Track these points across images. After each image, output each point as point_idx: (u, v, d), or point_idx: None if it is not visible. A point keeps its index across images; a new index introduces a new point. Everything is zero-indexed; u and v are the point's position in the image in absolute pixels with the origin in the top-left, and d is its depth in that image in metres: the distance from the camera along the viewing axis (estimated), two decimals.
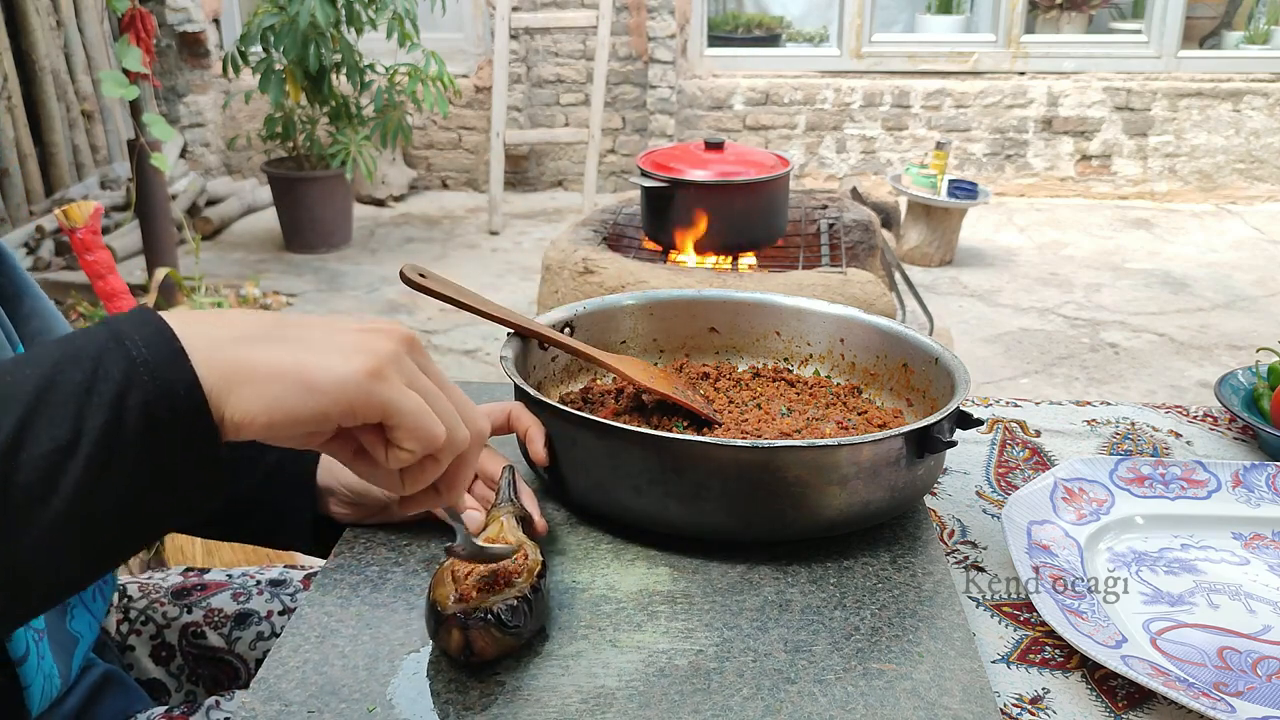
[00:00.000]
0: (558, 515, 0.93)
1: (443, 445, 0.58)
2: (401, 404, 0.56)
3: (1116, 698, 0.75)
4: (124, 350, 0.51)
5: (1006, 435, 1.15)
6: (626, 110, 5.66)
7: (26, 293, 0.86)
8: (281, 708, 0.69)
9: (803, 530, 0.87)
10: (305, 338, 0.56)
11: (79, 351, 0.51)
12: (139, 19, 3.22)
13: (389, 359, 0.56)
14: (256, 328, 0.55)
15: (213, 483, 0.55)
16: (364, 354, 0.55)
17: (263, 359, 0.54)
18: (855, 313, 1.11)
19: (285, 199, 4.75)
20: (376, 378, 0.55)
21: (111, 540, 0.53)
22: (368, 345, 0.56)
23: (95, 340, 0.52)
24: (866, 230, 2.93)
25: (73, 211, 2.54)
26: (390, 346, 0.57)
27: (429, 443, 0.57)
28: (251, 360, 0.53)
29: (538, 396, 0.89)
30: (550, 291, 2.69)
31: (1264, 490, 0.98)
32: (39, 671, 0.78)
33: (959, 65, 5.57)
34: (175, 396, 0.51)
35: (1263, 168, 5.57)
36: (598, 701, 0.70)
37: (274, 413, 0.53)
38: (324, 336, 0.56)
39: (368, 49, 4.58)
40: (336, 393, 0.54)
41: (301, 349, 0.55)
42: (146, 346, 0.51)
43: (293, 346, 0.55)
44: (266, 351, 0.54)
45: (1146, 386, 3.46)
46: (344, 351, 0.55)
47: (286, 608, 1.05)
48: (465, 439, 0.60)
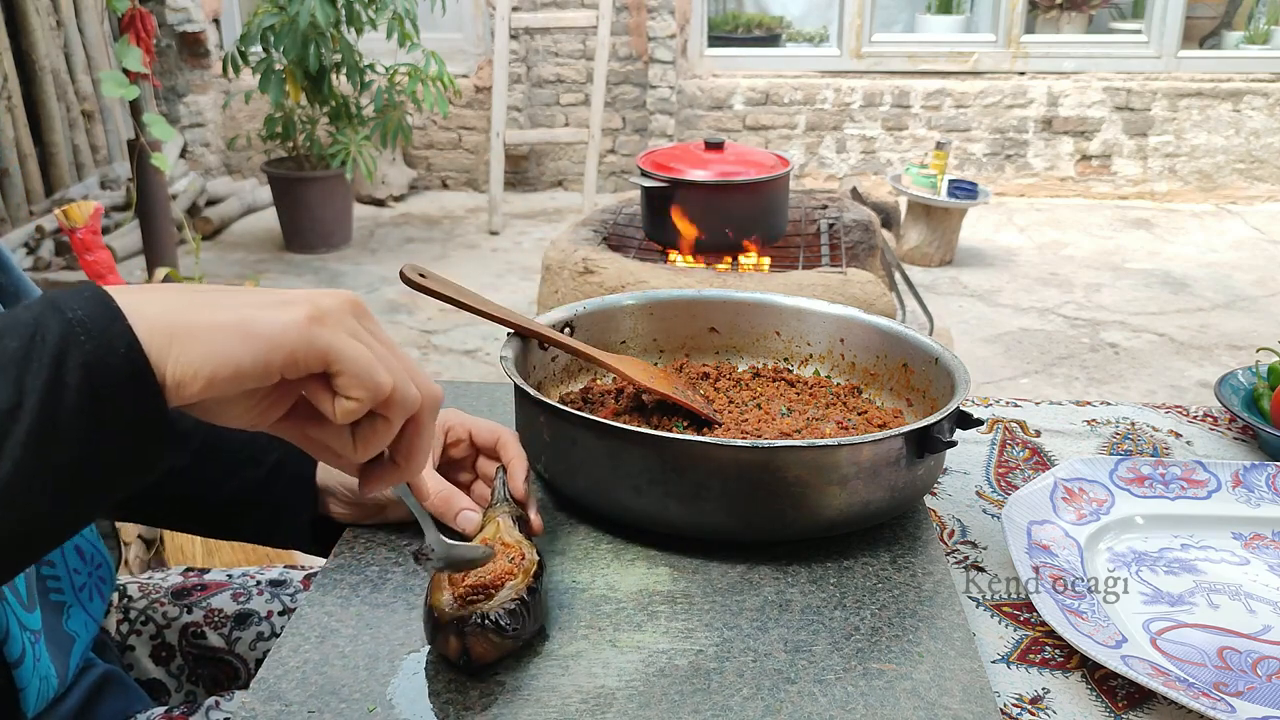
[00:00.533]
0: (558, 515, 0.93)
1: (392, 399, 0.57)
2: (344, 348, 0.55)
3: (1116, 698, 0.75)
4: (61, 315, 0.51)
5: (1006, 435, 1.15)
6: (626, 110, 5.66)
7: (26, 293, 0.86)
8: (281, 708, 0.69)
9: (803, 530, 0.87)
10: (247, 299, 0.55)
11: (16, 321, 0.51)
12: (139, 19, 3.22)
13: (331, 310, 0.56)
14: (200, 294, 0.55)
15: (158, 442, 0.54)
16: (305, 304, 0.55)
17: (204, 316, 0.53)
18: (855, 313, 1.11)
19: (285, 199, 4.75)
20: (317, 323, 0.55)
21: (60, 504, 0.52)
22: (309, 298, 0.56)
23: (32, 309, 0.52)
24: (866, 230, 2.93)
25: (73, 211, 2.54)
26: (333, 302, 0.57)
27: (375, 390, 0.56)
28: (192, 318, 0.53)
29: (538, 396, 0.89)
30: (550, 291, 2.69)
31: (1264, 490, 0.98)
32: (35, 673, 0.78)
33: (959, 65, 5.57)
34: (114, 355, 0.51)
35: (1263, 168, 5.57)
36: (598, 701, 0.70)
37: (216, 365, 0.53)
38: (266, 296, 0.56)
39: (368, 49, 4.58)
40: (278, 338, 0.54)
41: (243, 306, 0.55)
42: (83, 310, 0.51)
43: (234, 305, 0.55)
44: (209, 311, 0.54)
45: (1146, 386, 3.46)
46: (285, 303, 0.55)
47: (286, 608, 1.05)
48: (415, 398, 0.58)
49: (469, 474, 0.94)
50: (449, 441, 0.92)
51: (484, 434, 0.92)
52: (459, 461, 0.94)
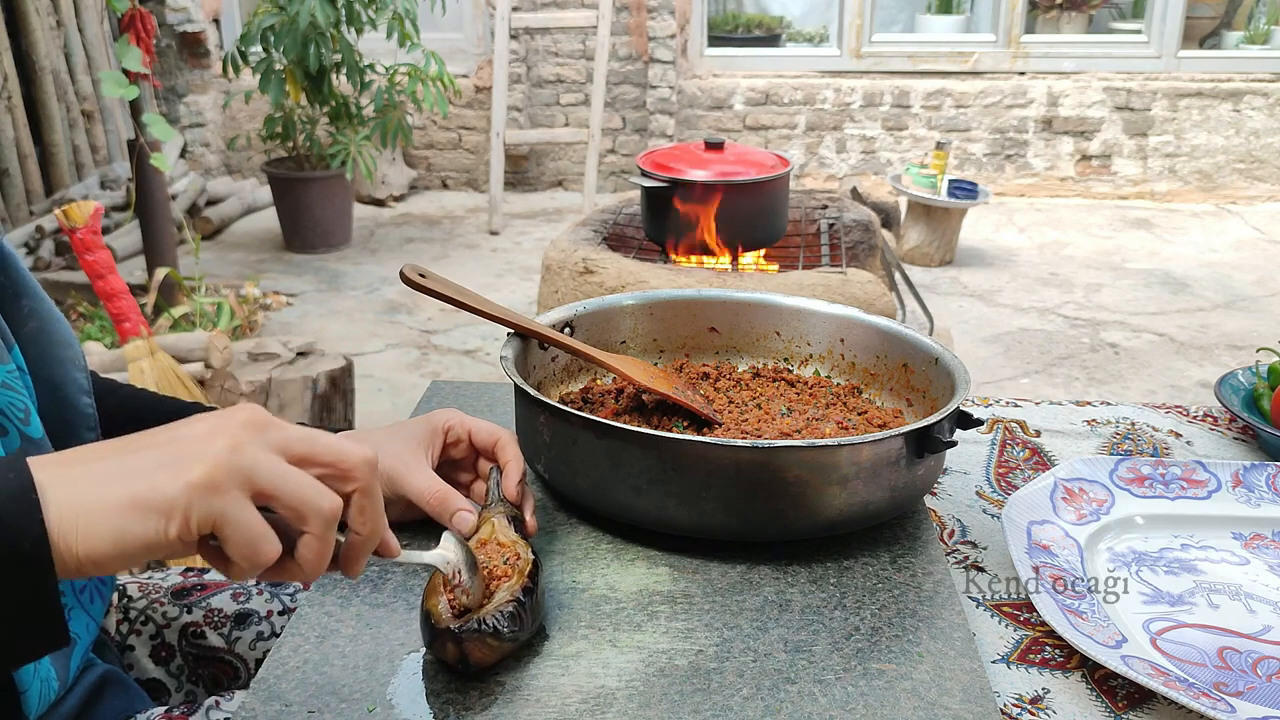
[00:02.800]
0: (558, 515, 0.93)
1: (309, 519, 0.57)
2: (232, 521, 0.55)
3: (1116, 698, 0.75)
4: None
5: (1006, 435, 1.15)
6: (626, 110, 5.66)
7: (26, 293, 0.86)
8: (281, 708, 0.69)
9: (803, 530, 0.87)
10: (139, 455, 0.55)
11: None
12: (139, 19, 3.22)
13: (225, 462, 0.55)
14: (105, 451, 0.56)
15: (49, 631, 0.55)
16: (198, 461, 0.54)
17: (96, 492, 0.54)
18: (855, 313, 1.11)
19: (285, 199, 4.75)
20: (210, 490, 0.54)
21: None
22: (201, 448, 0.55)
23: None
24: (866, 230, 2.93)
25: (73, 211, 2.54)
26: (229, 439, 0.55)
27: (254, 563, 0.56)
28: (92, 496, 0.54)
29: (538, 396, 0.89)
30: (550, 291, 2.69)
31: (1264, 490, 0.98)
32: (36, 675, 0.78)
33: (959, 65, 5.57)
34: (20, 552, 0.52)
35: (1263, 168, 5.57)
36: (598, 701, 0.70)
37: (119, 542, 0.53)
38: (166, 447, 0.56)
39: (368, 49, 4.58)
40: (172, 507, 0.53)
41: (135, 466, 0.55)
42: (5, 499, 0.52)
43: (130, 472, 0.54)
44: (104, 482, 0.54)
45: (1146, 386, 3.46)
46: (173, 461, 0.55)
47: (286, 608, 1.05)
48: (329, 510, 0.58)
49: (469, 474, 0.94)
50: (448, 441, 0.92)
51: (483, 435, 0.92)
52: (458, 462, 0.94)
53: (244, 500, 0.55)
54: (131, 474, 0.54)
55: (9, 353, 0.81)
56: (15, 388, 0.80)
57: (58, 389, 0.87)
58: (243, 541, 0.55)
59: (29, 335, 0.85)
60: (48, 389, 0.86)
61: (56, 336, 0.88)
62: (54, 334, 0.88)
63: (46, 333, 0.87)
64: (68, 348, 0.89)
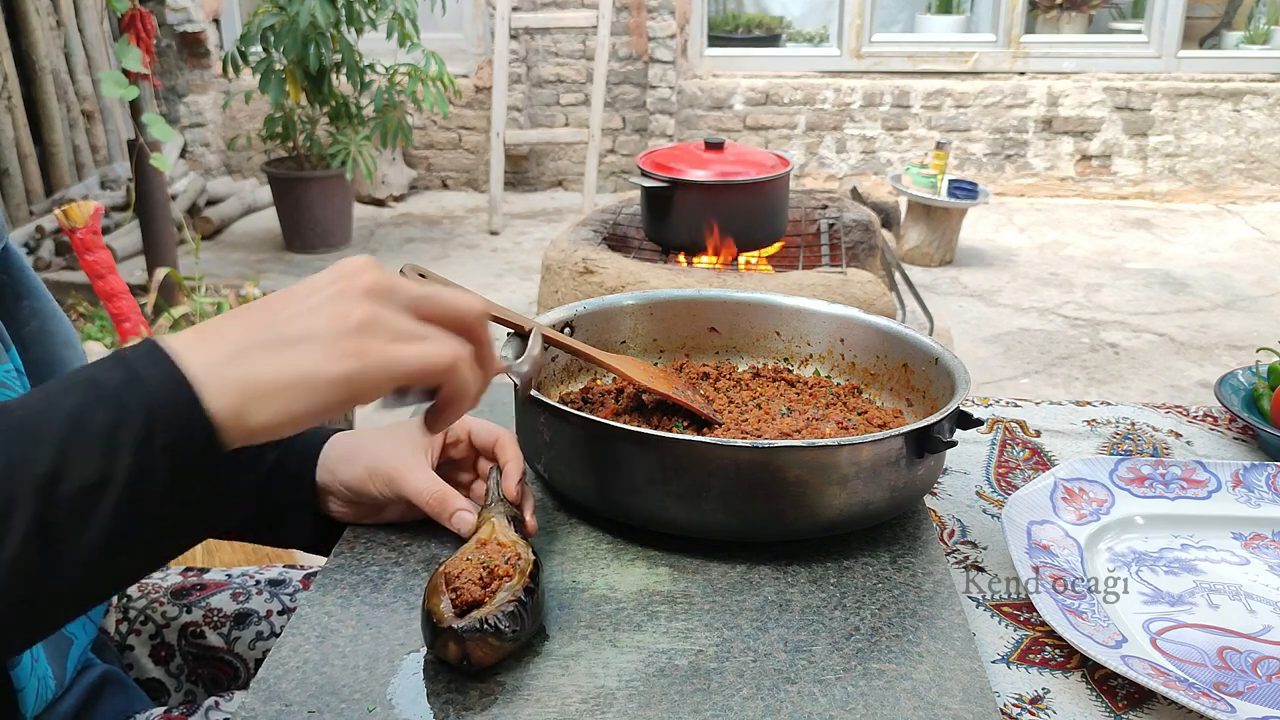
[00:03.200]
0: (558, 515, 0.93)
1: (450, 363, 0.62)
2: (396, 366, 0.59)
3: (1116, 698, 0.75)
4: (142, 392, 0.54)
5: (1006, 435, 1.15)
6: (626, 110, 5.66)
7: (29, 294, 0.86)
8: (281, 708, 0.69)
9: (803, 530, 0.86)
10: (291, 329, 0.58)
11: (101, 392, 0.54)
12: (139, 19, 3.22)
13: (363, 330, 0.58)
14: (245, 333, 0.58)
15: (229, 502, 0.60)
16: (341, 337, 0.58)
17: (263, 372, 0.57)
18: (855, 313, 1.11)
19: (285, 199, 4.75)
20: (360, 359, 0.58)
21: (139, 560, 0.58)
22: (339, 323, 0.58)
23: (114, 380, 0.55)
24: (866, 230, 2.93)
25: (73, 211, 2.54)
26: (360, 311, 0.59)
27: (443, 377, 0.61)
28: (254, 376, 0.57)
29: (538, 396, 0.89)
30: (550, 291, 2.69)
31: (1264, 490, 0.98)
32: (33, 674, 0.78)
33: (959, 65, 5.57)
34: (193, 436, 0.55)
35: (1263, 168, 5.57)
36: (598, 701, 0.70)
37: (292, 418, 0.57)
38: (299, 321, 0.58)
39: (368, 49, 4.58)
40: (336, 390, 0.58)
41: (287, 349, 0.58)
42: (162, 387, 0.55)
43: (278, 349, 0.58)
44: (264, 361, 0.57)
45: (1146, 386, 3.46)
46: (322, 341, 0.58)
47: (286, 608, 1.05)
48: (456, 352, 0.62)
49: (468, 474, 0.94)
50: (448, 441, 0.92)
51: (482, 434, 0.92)
52: (458, 462, 0.94)
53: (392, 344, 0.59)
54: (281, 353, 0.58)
55: (7, 353, 0.81)
56: (13, 388, 0.80)
57: None
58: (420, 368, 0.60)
59: (31, 335, 0.85)
60: None
61: (60, 337, 0.88)
62: (57, 334, 0.88)
63: (49, 333, 0.87)
64: (70, 348, 0.89)
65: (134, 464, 0.53)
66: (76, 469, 0.52)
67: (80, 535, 0.53)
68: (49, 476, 0.52)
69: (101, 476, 0.52)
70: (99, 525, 0.53)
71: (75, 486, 0.52)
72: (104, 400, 0.54)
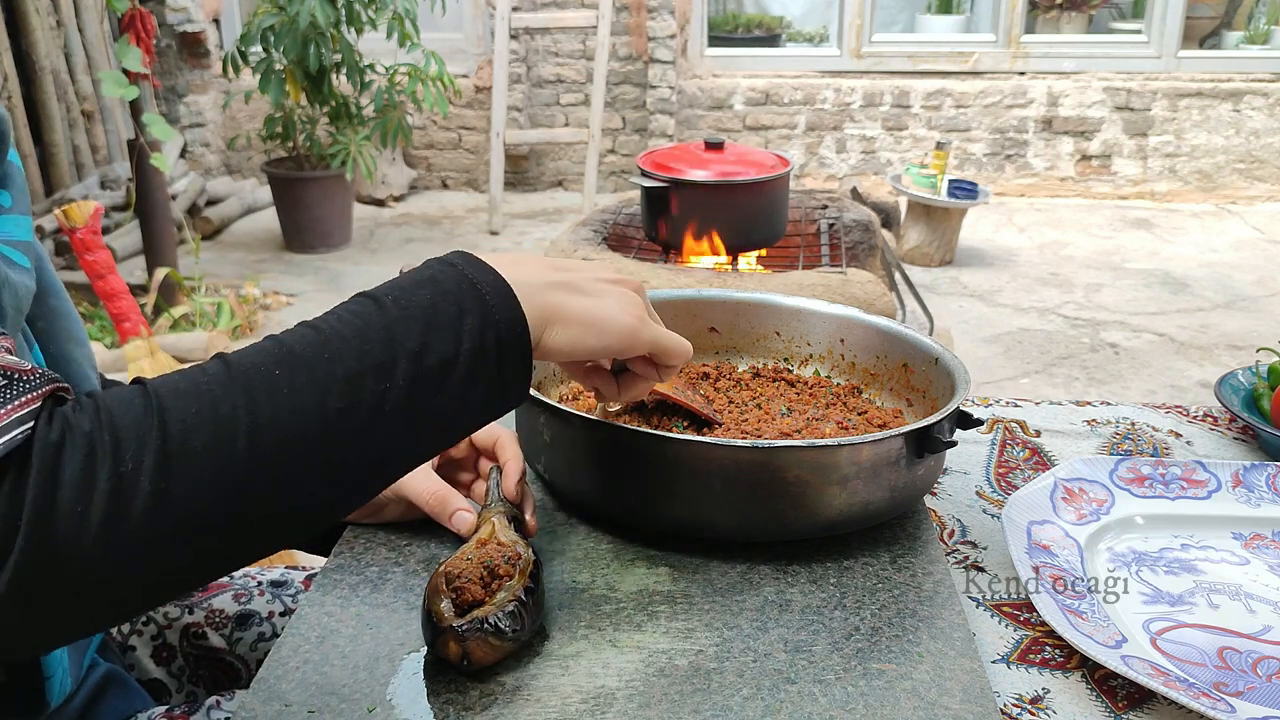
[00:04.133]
0: (558, 515, 0.93)
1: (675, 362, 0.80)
2: (664, 342, 0.77)
3: (1116, 698, 0.75)
4: (478, 293, 0.66)
5: (1006, 435, 1.15)
6: (626, 110, 5.66)
7: (50, 291, 0.86)
8: (281, 708, 0.69)
9: (803, 530, 0.87)
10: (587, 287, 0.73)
11: (445, 289, 0.66)
12: (139, 19, 3.22)
13: (643, 310, 0.76)
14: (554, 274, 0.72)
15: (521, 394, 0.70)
16: (632, 306, 0.75)
17: (568, 306, 0.71)
18: (855, 313, 1.11)
19: (285, 199, 4.75)
20: (642, 324, 0.75)
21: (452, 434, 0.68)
22: (630, 300, 0.75)
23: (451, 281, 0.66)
24: (866, 230, 2.93)
25: (73, 211, 2.54)
26: (639, 300, 0.76)
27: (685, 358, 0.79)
28: (560, 306, 0.71)
29: (538, 397, 0.89)
30: None
31: (1264, 490, 0.98)
32: (60, 663, 0.78)
33: (959, 65, 5.57)
34: (515, 333, 0.67)
35: (1263, 168, 5.57)
36: (598, 701, 0.70)
37: (576, 347, 0.71)
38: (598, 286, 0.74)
39: (368, 49, 4.58)
40: (619, 336, 0.73)
41: (590, 299, 0.73)
42: (493, 293, 0.67)
43: (583, 296, 0.72)
44: (569, 299, 0.71)
45: (1146, 386, 3.46)
46: (620, 304, 0.74)
47: (288, 608, 1.05)
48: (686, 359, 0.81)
49: (469, 473, 0.94)
50: None
51: (483, 434, 0.92)
52: (459, 461, 0.94)
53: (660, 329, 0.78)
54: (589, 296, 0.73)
55: (30, 350, 0.81)
56: None
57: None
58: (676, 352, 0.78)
59: (42, 332, 0.85)
60: None
61: (73, 336, 0.88)
62: (70, 332, 0.88)
63: (64, 330, 0.87)
64: (82, 346, 0.89)
65: (472, 349, 0.64)
66: (436, 346, 0.63)
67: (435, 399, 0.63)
68: (418, 350, 0.63)
69: (452, 355, 0.64)
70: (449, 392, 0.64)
71: (434, 362, 0.63)
72: (448, 294, 0.65)
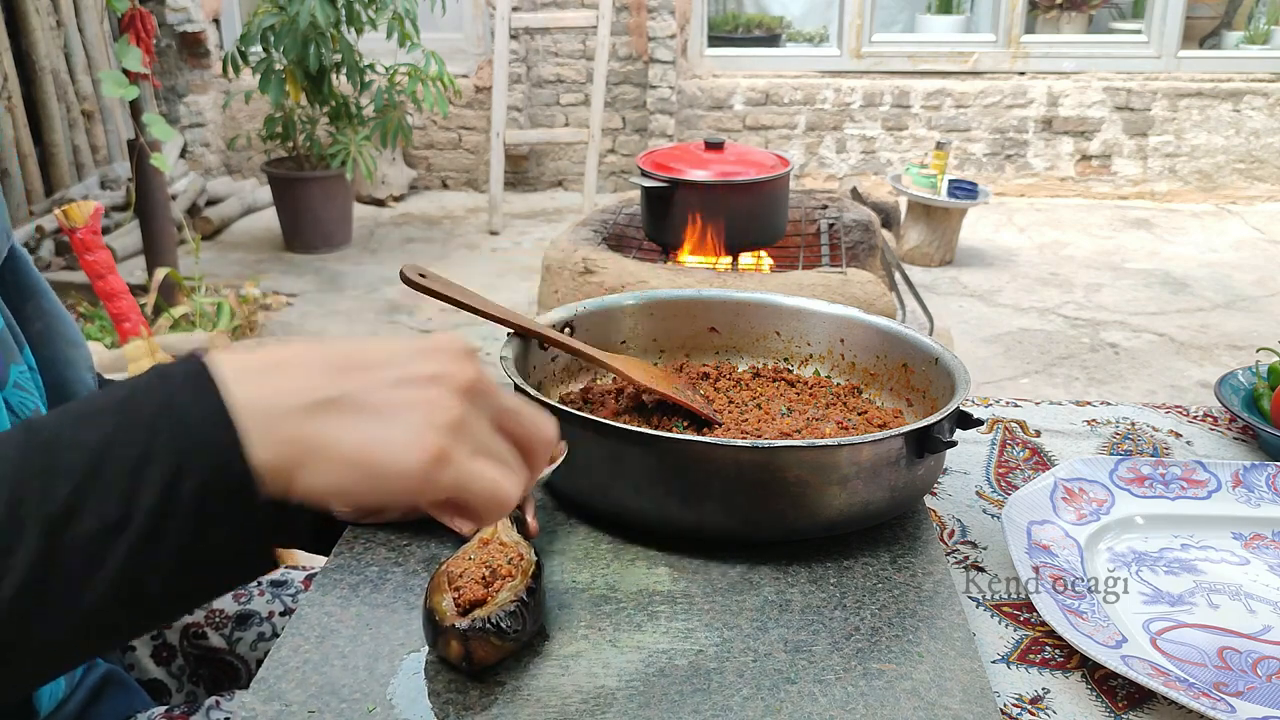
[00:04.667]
0: (558, 515, 0.93)
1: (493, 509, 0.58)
2: (475, 485, 0.54)
3: (1116, 698, 0.75)
4: (179, 424, 0.49)
5: (1006, 435, 1.15)
6: (626, 110, 5.66)
7: (35, 293, 0.86)
8: (281, 708, 0.69)
9: (803, 530, 0.87)
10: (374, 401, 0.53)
11: (134, 420, 0.50)
12: (139, 19, 3.22)
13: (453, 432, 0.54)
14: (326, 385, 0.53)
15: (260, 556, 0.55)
16: (435, 432, 0.53)
17: (330, 437, 0.52)
18: (855, 313, 1.11)
19: (285, 199, 4.75)
20: (441, 463, 0.53)
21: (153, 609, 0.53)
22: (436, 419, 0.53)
23: (150, 406, 0.50)
24: (866, 230, 2.93)
25: (73, 211, 2.54)
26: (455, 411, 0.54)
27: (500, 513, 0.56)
28: (318, 438, 0.51)
29: (538, 396, 0.89)
30: (550, 291, 2.69)
31: (1264, 490, 0.98)
32: None
33: (959, 65, 5.57)
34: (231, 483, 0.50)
35: (1263, 168, 5.57)
36: (598, 701, 0.70)
37: (345, 494, 0.53)
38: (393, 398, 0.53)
39: (368, 49, 4.58)
40: (402, 483, 0.53)
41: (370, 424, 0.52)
42: (203, 422, 0.50)
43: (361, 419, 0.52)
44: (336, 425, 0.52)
45: (1146, 386, 3.46)
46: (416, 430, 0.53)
47: (288, 608, 1.05)
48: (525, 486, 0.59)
49: None
50: None
51: None
52: None
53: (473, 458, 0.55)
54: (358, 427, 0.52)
55: (20, 353, 0.81)
56: (27, 388, 0.80)
57: (67, 389, 0.87)
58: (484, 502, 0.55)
59: (38, 335, 0.85)
60: (56, 389, 0.86)
61: (66, 337, 0.88)
62: (63, 334, 0.88)
63: (57, 332, 0.87)
64: (77, 348, 0.89)
65: (156, 506, 0.48)
66: (93, 508, 0.48)
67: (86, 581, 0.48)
68: (61, 515, 0.47)
69: (120, 517, 0.48)
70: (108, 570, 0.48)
71: (88, 527, 0.48)
72: (136, 428, 0.49)
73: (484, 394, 0.57)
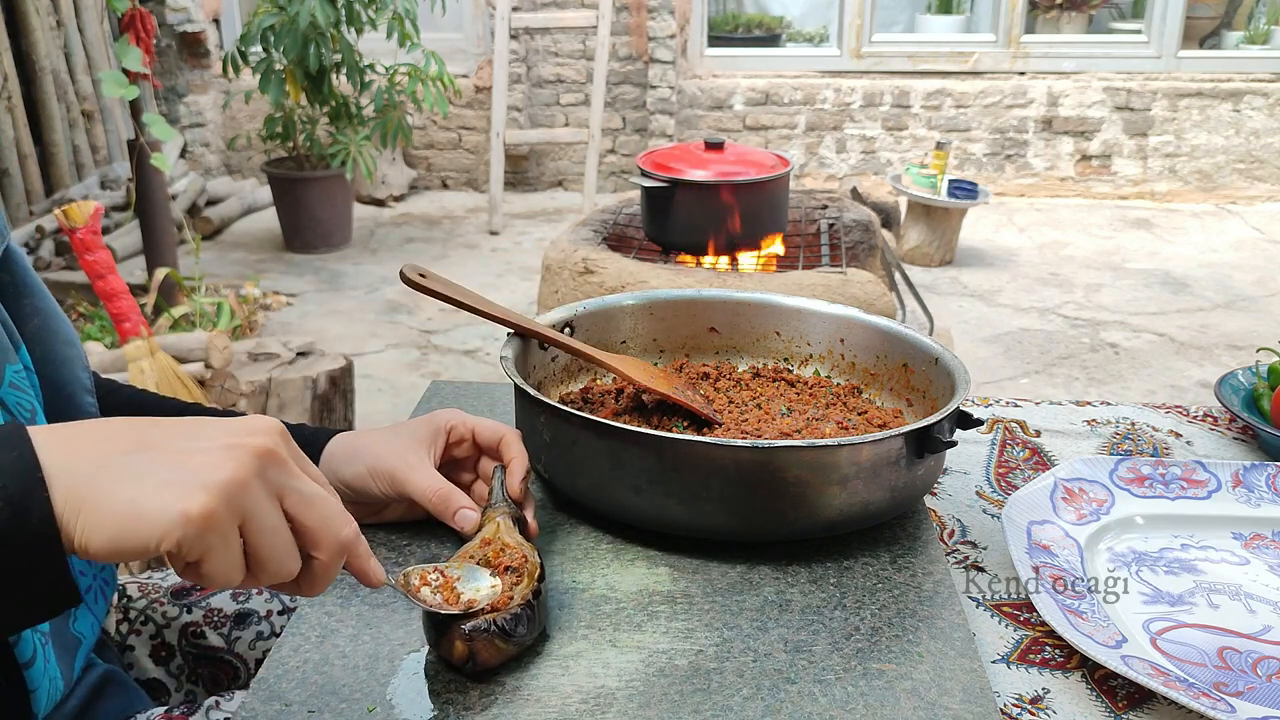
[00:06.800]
0: (558, 515, 0.93)
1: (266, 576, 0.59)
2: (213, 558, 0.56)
3: (1116, 698, 0.75)
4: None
5: (1006, 435, 1.15)
6: (626, 110, 5.66)
7: (30, 292, 0.86)
8: (281, 708, 0.69)
9: (803, 530, 0.87)
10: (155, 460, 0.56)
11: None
12: (139, 19, 3.22)
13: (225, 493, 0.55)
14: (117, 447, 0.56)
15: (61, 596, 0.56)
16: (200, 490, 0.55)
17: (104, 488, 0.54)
18: (855, 313, 1.11)
19: (285, 199, 4.75)
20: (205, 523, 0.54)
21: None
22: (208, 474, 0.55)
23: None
24: (866, 230, 2.93)
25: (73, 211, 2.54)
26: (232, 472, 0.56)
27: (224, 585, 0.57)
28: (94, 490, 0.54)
29: (538, 396, 0.89)
30: (550, 291, 2.69)
31: (1264, 490, 0.98)
32: (45, 675, 0.78)
33: (959, 65, 5.57)
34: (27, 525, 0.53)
35: (1263, 168, 5.57)
36: (598, 701, 0.70)
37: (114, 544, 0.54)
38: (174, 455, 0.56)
39: (368, 49, 4.58)
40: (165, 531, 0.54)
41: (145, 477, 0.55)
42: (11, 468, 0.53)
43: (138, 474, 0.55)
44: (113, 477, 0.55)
45: (1146, 386, 3.46)
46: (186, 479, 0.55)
47: (286, 607, 1.05)
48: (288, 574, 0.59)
49: (470, 474, 0.94)
50: (451, 441, 0.92)
51: (487, 434, 0.91)
52: (461, 461, 0.94)
53: (231, 537, 0.56)
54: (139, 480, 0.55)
55: (16, 352, 0.81)
56: (22, 387, 0.80)
57: (61, 388, 0.87)
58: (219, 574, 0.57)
59: (32, 334, 0.85)
60: (51, 388, 0.86)
61: (61, 335, 0.88)
62: (58, 333, 0.88)
63: (51, 330, 0.87)
64: (71, 347, 0.89)
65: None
66: None
67: None
68: None
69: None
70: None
71: None
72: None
73: (279, 465, 0.58)
